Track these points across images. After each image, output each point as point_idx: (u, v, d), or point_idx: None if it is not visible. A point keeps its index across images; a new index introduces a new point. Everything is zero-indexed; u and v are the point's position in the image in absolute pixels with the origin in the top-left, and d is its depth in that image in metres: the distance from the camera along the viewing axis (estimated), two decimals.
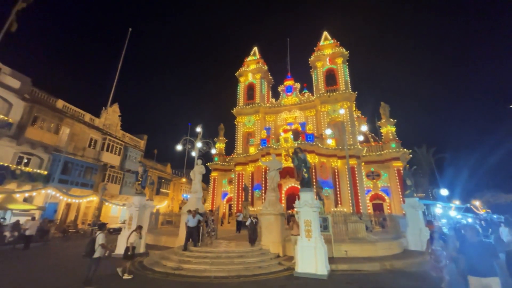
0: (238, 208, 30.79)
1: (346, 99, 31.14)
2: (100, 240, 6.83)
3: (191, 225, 10.35)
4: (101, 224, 7.73)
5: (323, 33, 37.40)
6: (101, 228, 7.39)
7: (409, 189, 13.14)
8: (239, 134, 35.10)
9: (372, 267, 8.94)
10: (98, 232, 7.06)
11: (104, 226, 7.69)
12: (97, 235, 6.96)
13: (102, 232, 7.12)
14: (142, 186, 12.51)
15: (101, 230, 7.22)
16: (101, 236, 6.89)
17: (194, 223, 10.42)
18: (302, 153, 9.56)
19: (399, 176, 28.02)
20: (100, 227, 7.46)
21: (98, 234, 7.00)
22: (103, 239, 6.93)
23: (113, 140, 25.33)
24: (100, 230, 7.26)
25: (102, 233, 7.06)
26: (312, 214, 8.55)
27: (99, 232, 7.09)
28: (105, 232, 7.28)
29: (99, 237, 6.90)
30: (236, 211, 31.12)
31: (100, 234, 6.99)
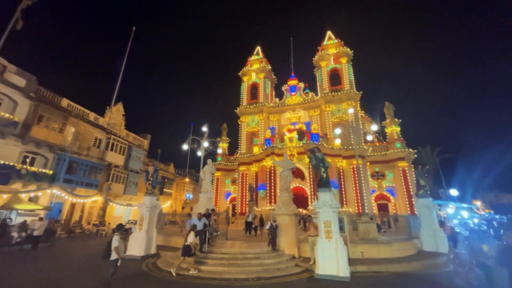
0: (243, 209, 30.65)
1: (351, 98, 31.02)
2: (115, 243, 6.56)
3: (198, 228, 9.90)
4: (118, 225, 7.42)
5: (327, 32, 37.31)
6: (118, 230, 7.07)
7: (422, 189, 13.03)
8: (243, 133, 34.92)
9: (392, 269, 8.82)
10: (115, 234, 6.80)
11: (121, 227, 7.34)
12: (113, 237, 6.70)
13: (118, 234, 6.81)
14: (153, 186, 12.32)
15: (118, 232, 6.93)
16: (115, 239, 6.61)
17: (201, 226, 10.04)
18: (319, 152, 9.42)
19: (404, 176, 27.95)
20: (117, 229, 7.14)
21: (114, 236, 6.75)
22: (118, 241, 6.63)
23: (117, 139, 25.10)
24: (117, 231, 6.96)
25: (118, 235, 6.76)
26: (332, 214, 8.41)
27: (115, 234, 6.81)
28: (121, 234, 7.00)
29: (114, 240, 6.63)
30: (240, 211, 30.98)
31: (115, 236, 6.70)
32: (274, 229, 10.19)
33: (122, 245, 6.99)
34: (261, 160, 30.44)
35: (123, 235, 7.26)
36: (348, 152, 28.38)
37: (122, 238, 6.92)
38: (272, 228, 10.18)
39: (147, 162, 30.32)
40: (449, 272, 9.06)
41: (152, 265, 9.46)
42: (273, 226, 10.25)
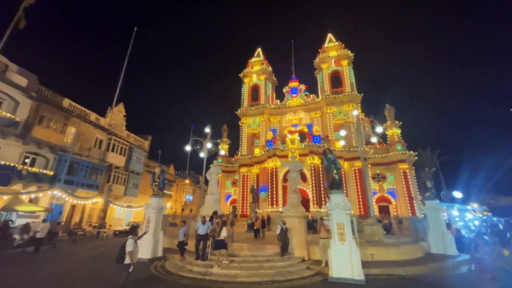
0: (244, 211, 30.49)
1: (352, 101, 31.18)
2: (129, 247, 6.25)
3: (201, 232, 9.53)
4: (132, 227, 7.10)
5: (328, 35, 37.54)
6: (132, 233, 6.74)
7: (429, 191, 13.06)
8: (244, 135, 34.84)
9: (404, 272, 8.77)
10: (129, 237, 6.51)
11: (135, 230, 6.98)
12: (127, 241, 6.39)
13: (132, 237, 6.50)
14: (160, 188, 12.15)
15: (132, 235, 6.62)
16: (130, 243, 6.29)
17: (204, 230, 9.52)
18: (331, 153, 9.37)
19: (405, 178, 28.06)
20: (131, 232, 6.80)
21: (128, 239, 6.44)
22: (132, 245, 6.30)
23: (118, 140, 24.84)
24: (131, 234, 6.66)
25: (132, 238, 6.45)
26: (345, 216, 8.36)
27: (130, 236, 6.51)
28: (135, 237, 6.68)
29: (128, 243, 6.30)
30: (241, 213, 30.81)
31: (129, 239, 6.38)
32: (284, 233, 9.80)
33: (137, 249, 6.75)
34: (263, 162, 30.36)
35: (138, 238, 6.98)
36: (350, 154, 28.45)
37: (136, 241, 6.68)
38: (283, 232, 9.78)
39: (148, 164, 30.08)
40: (461, 275, 9.10)
41: (161, 268, 9.29)
42: (284, 229, 9.84)
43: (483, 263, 5.85)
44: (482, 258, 5.96)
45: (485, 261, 5.82)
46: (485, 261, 5.82)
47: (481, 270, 5.86)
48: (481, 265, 5.92)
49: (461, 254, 11.90)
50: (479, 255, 6.12)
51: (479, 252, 6.15)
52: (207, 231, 9.57)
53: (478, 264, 6.03)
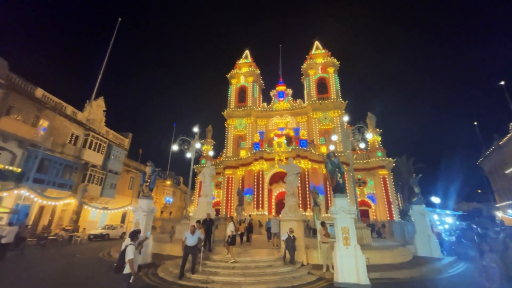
0: (228, 214, 29.81)
1: (337, 107, 32.17)
2: (130, 254, 5.54)
3: (189, 243, 8.14)
4: (133, 232, 6.25)
5: (315, 42, 38.51)
6: (133, 238, 6.01)
7: (416, 196, 13.66)
8: (230, 136, 34.34)
9: (402, 275, 8.98)
10: (129, 243, 5.77)
11: (136, 235, 6.19)
12: (127, 247, 5.65)
13: (133, 243, 5.79)
14: (150, 188, 11.33)
15: (133, 241, 5.90)
16: (130, 249, 5.58)
17: (194, 241, 8.18)
18: (335, 157, 9.37)
19: (385, 183, 29.39)
20: (132, 237, 6.05)
21: (128, 245, 5.70)
22: (133, 252, 5.61)
23: (97, 136, 23.05)
24: (132, 240, 5.95)
25: (133, 244, 5.74)
26: (349, 220, 8.36)
27: (130, 243, 5.78)
28: (136, 243, 5.96)
29: (129, 250, 5.58)
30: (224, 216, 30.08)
31: (130, 246, 5.65)
32: (292, 242, 9.22)
33: (138, 257, 6.04)
34: (249, 164, 30.07)
35: (139, 244, 6.23)
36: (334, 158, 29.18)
37: (138, 248, 5.97)
38: (290, 241, 9.20)
39: (127, 163, 28.32)
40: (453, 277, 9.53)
41: (154, 276, 8.57)
42: (291, 238, 9.26)
43: (490, 271, 5.32)
44: (489, 266, 5.42)
45: (493, 269, 5.33)
46: (493, 269, 5.33)
47: (488, 279, 5.32)
48: (488, 273, 5.35)
49: (445, 257, 12.58)
50: (485, 263, 5.50)
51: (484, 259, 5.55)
52: (197, 242, 8.30)
53: (486, 272, 5.41)
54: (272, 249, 11.75)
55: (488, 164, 41.99)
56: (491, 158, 40.10)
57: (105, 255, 13.27)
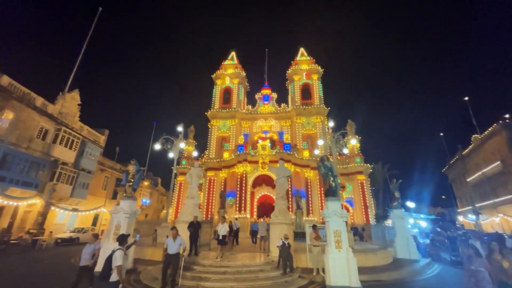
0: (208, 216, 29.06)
1: (320, 113, 33.03)
2: (118, 260, 5.04)
3: (171, 251, 7.31)
4: (122, 236, 5.71)
5: (300, 49, 39.42)
6: (121, 242, 5.47)
7: (396, 201, 14.32)
8: (213, 138, 33.69)
9: (388, 277, 9.29)
10: (117, 248, 5.27)
11: (125, 238, 5.67)
12: (115, 252, 5.16)
13: (121, 248, 5.28)
14: (134, 189, 10.64)
15: (121, 245, 5.37)
16: (119, 255, 5.09)
17: (175, 249, 7.33)
18: (328, 161, 9.50)
19: (362, 188, 30.57)
20: (120, 241, 5.50)
21: (116, 250, 5.21)
22: (122, 258, 5.10)
23: (69, 132, 21.31)
24: (120, 244, 5.40)
25: (122, 249, 5.23)
26: (342, 224, 8.48)
27: (118, 247, 5.27)
28: (125, 248, 5.41)
29: (117, 256, 5.08)
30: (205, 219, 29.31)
31: (118, 250, 5.17)
32: (287, 249, 8.82)
33: (126, 262, 5.52)
34: (232, 166, 29.68)
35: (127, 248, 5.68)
36: (316, 163, 29.82)
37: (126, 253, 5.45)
38: (285, 248, 8.79)
39: (102, 161, 26.53)
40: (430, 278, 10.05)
41: (137, 283, 8.01)
42: (286, 245, 8.85)
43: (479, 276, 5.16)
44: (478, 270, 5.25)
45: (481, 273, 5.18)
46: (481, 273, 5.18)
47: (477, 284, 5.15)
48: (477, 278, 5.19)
49: (422, 259, 13.28)
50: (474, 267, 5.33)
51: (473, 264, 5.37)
52: (180, 249, 7.44)
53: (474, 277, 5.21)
54: (260, 253, 11.59)
55: (452, 172, 45.67)
56: (455, 166, 43.66)
57: (77, 260, 12.15)
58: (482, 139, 33.58)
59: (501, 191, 29.56)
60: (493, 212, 31.59)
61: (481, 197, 35.17)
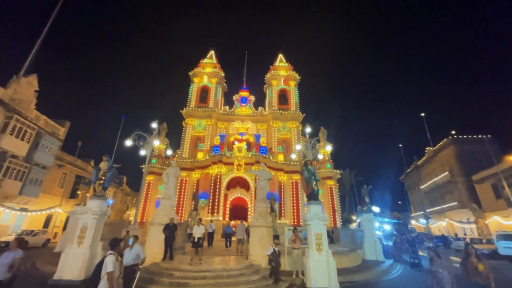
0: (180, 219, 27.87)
1: (295, 119, 33.97)
2: (109, 266, 4.39)
3: (126, 262, 6.14)
4: (114, 240, 4.92)
5: (279, 55, 40.26)
6: (113, 247, 4.75)
7: (366, 205, 15.25)
8: (187, 137, 32.55)
9: (360, 277, 9.82)
10: (108, 253, 4.60)
11: (118, 243, 4.94)
12: (106, 258, 4.49)
13: (113, 253, 4.62)
14: (104, 187, 9.72)
15: (113, 250, 4.68)
16: (110, 260, 4.45)
17: (131, 259, 6.20)
18: (311, 165, 9.75)
19: (331, 193, 32.06)
20: (112, 245, 4.79)
21: (107, 255, 4.54)
22: (113, 264, 4.46)
23: (22, 121, 18.83)
24: (112, 249, 4.70)
25: (113, 255, 4.59)
26: (322, 227, 8.75)
27: (110, 252, 4.60)
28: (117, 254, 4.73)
29: (108, 261, 4.41)
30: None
31: (110, 256, 4.52)
32: (277, 256, 8.53)
33: (118, 270, 4.89)
34: (206, 167, 28.97)
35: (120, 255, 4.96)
36: (290, 167, 30.50)
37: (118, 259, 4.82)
38: (275, 255, 8.47)
39: (61, 156, 23.90)
40: (396, 277, 10.84)
41: None
42: (277, 252, 8.56)
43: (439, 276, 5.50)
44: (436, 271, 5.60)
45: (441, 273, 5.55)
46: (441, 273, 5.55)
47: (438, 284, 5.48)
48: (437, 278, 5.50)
49: (386, 260, 14.27)
50: (434, 268, 5.63)
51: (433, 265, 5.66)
52: (137, 260, 6.25)
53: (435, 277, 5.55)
54: (237, 256, 11.41)
55: (408, 180, 50.30)
56: (411, 175, 48.19)
57: (29, 268, 10.71)
58: (434, 151, 37.65)
59: (448, 198, 33.37)
60: (440, 217, 35.47)
61: (431, 203, 39.29)
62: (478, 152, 30.20)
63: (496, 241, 16.07)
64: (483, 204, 26.19)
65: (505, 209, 22.80)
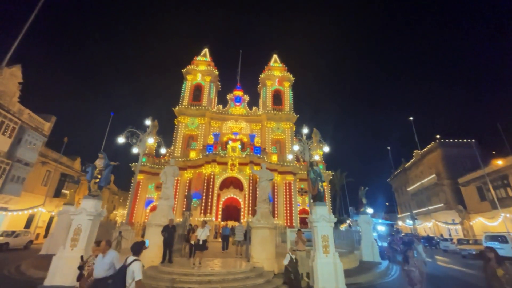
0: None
1: (289, 119, 34.01)
2: (137, 273, 3.91)
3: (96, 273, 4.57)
4: (137, 244, 4.34)
5: (273, 55, 40.22)
6: (137, 252, 4.22)
7: (363, 207, 15.34)
8: (179, 135, 31.83)
9: (364, 279, 9.80)
10: (132, 258, 4.05)
11: (142, 248, 4.35)
12: (132, 264, 3.96)
13: (138, 258, 4.10)
14: (100, 186, 9.13)
15: (136, 255, 4.17)
16: (137, 266, 3.96)
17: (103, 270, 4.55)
18: (317, 166, 9.62)
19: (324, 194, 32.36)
20: (136, 250, 4.24)
21: (133, 261, 3.99)
22: (141, 271, 3.98)
23: (4, 114, 17.62)
24: (134, 254, 4.18)
25: (139, 260, 4.08)
26: (329, 229, 8.61)
27: (134, 258, 4.06)
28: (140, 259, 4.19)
29: (135, 268, 3.92)
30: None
31: (136, 262, 4.00)
32: (295, 265, 7.73)
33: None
34: (199, 167, 28.41)
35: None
36: (283, 168, 30.47)
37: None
38: (293, 264, 7.69)
39: (45, 153, 22.60)
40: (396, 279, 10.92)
41: None
42: (294, 260, 7.76)
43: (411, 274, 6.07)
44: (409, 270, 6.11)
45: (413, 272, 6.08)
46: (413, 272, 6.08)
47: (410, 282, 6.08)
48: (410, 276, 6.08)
49: (382, 261, 14.41)
50: (407, 267, 6.14)
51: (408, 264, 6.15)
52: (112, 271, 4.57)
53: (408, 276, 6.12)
54: (237, 259, 11.14)
55: (395, 182, 51.67)
56: (398, 177, 49.52)
57: (13, 272, 9.93)
58: (422, 154, 38.84)
59: (435, 200, 34.52)
60: (427, 217, 36.60)
61: (417, 205, 40.51)
62: (464, 156, 31.43)
63: (485, 242, 16.67)
64: (468, 206, 27.24)
65: (489, 210, 23.78)
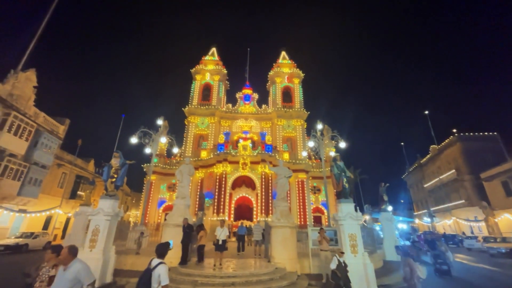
0: None
1: (300, 117, 33.39)
2: (164, 277, 3.68)
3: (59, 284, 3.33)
4: (162, 246, 4.12)
5: (282, 52, 39.64)
6: (162, 254, 4.02)
7: (384, 204, 14.68)
8: (190, 135, 31.77)
9: (392, 280, 9.23)
10: (157, 261, 3.85)
11: (166, 249, 4.13)
12: (157, 267, 3.75)
13: (163, 262, 3.87)
14: (117, 186, 8.96)
15: (161, 258, 3.95)
16: (164, 270, 3.75)
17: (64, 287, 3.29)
18: (341, 161, 9.14)
19: None
20: (162, 252, 4.04)
21: (159, 264, 3.78)
22: (167, 275, 3.77)
23: (21, 118, 17.89)
24: (159, 257, 3.97)
25: (165, 264, 3.85)
26: (356, 227, 8.14)
27: (159, 261, 3.87)
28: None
29: (161, 272, 3.71)
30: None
31: (161, 266, 3.77)
32: (344, 270, 6.38)
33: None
34: (210, 166, 28.24)
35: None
36: (295, 165, 29.88)
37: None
38: (342, 269, 6.36)
39: (60, 155, 22.94)
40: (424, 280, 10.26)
41: None
42: (342, 265, 6.43)
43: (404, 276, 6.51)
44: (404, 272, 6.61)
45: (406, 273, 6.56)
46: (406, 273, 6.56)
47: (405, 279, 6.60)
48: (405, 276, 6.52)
49: None
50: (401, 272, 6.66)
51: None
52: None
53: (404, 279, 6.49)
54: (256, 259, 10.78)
55: (410, 178, 50.10)
56: (413, 173, 47.98)
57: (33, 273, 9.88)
58: (439, 149, 37.38)
59: (454, 196, 33.11)
60: (446, 215, 35.21)
61: (435, 202, 39.04)
62: (485, 150, 29.96)
63: None
64: (492, 202, 25.91)
65: None
